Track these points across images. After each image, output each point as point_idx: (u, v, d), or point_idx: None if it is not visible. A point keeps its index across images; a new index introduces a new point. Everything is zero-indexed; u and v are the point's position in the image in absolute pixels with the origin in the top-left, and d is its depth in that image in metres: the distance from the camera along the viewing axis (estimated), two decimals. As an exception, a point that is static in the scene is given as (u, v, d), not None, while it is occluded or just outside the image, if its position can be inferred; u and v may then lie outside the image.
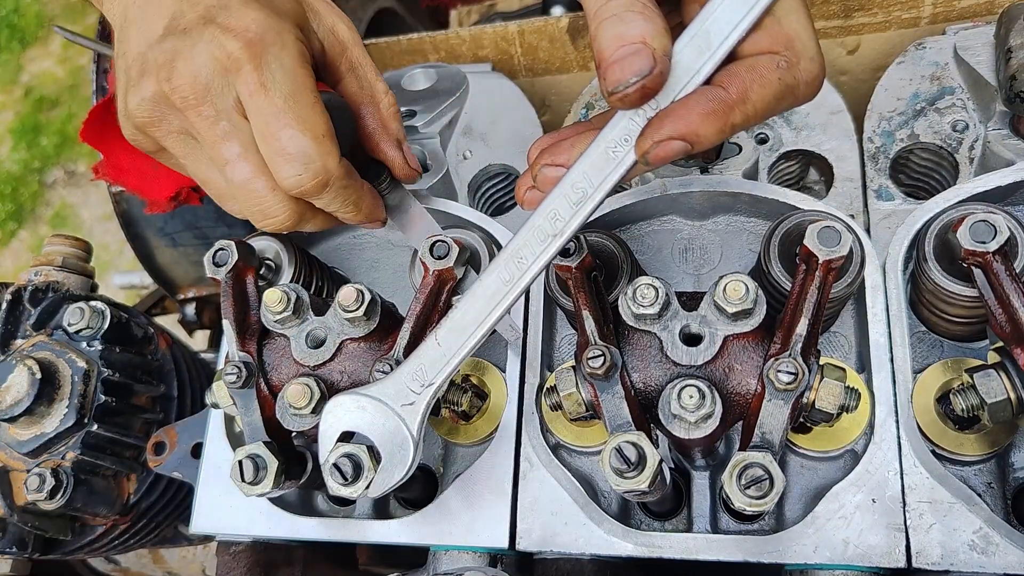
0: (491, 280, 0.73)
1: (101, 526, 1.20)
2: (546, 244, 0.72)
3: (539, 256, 0.72)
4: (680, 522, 0.94)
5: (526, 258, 0.73)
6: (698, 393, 0.72)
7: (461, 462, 1.01)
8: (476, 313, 0.74)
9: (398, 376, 0.77)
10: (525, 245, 0.73)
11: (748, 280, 0.75)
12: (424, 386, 0.76)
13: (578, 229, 0.72)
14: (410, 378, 0.77)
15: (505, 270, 0.73)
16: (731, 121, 0.66)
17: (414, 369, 0.76)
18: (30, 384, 1.08)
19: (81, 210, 3.61)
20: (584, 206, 0.71)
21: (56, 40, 4.01)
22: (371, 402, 0.77)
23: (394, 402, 0.76)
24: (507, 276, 0.73)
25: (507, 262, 0.73)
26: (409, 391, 0.76)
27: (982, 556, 0.78)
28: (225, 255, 0.91)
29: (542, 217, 0.72)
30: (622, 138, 0.69)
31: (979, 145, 1.02)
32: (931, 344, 0.93)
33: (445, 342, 0.75)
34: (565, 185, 0.71)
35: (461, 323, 0.75)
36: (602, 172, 0.70)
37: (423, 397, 0.76)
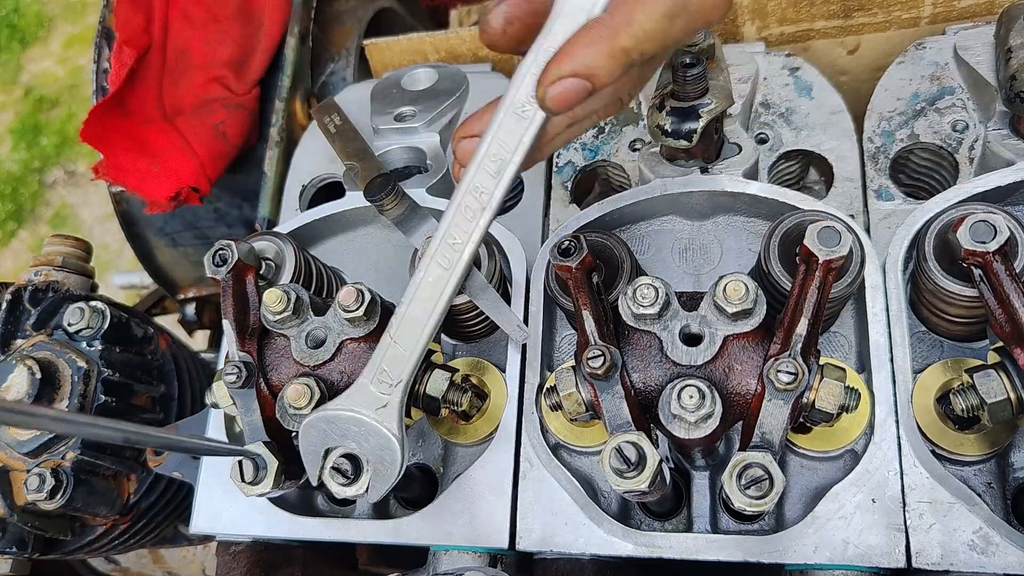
0: (431, 268, 0.73)
1: (101, 526, 1.20)
2: (475, 220, 0.71)
3: (471, 234, 0.72)
4: (680, 522, 0.94)
5: (459, 239, 0.72)
6: (698, 393, 0.72)
7: (461, 462, 1.01)
8: (424, 304, 0.74)
9: (361, 384, 0.76)
10: (455, 226, 0.72)
11: (748, 280, 0.75)
12: (392, 386, 0.75)
13: (504, 197, 0.71)
14: (375, 383, 0.76)
15: (442, 256, 0.73)
16: (619, 45, 0.62)
17: (376, 372, 0.76)
18: (30, 384, 1.07)
19: (81, 210, 3.61)
20: (505, 173, 0.70)
21: (56, 40, 4.01)
22: (343, 415, 0.76)
23: (366, 410, 0.76)
24: (445, 262, 0.73)
25: (441, 248, 0.73)
26: (378, 395, 0.76)
27: (982, 556, 0.78)
28: (225, 255, 0.91)
29: (465, 194, 0.71)
30: (528, 96, 0.68)
31: (979, 145, 1.02)
32: (931, 344, 0.93)
33: (401, 339, 0.75)
34: (480, 156, 0.70)
35: (412, 317, 0.74)
36: (515, 135, 0.69)
37: (394, 397, 0.76)
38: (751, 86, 1.10)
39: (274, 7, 1.46)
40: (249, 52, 1.47)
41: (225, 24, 1.48)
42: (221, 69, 1.45)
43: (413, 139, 1.16)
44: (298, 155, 1.34)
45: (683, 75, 0.89)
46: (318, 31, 1.56)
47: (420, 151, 1.16)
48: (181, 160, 1.37)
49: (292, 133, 1.44)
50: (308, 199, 1.28)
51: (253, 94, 1.46)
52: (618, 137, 1.17)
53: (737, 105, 1.04)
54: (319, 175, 1.29)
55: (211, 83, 1.45)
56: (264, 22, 1.47)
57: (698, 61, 0.90)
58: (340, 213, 1.12)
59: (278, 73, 1.45)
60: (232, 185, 1.50)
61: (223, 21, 1.48)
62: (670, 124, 0.91)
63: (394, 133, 1.16)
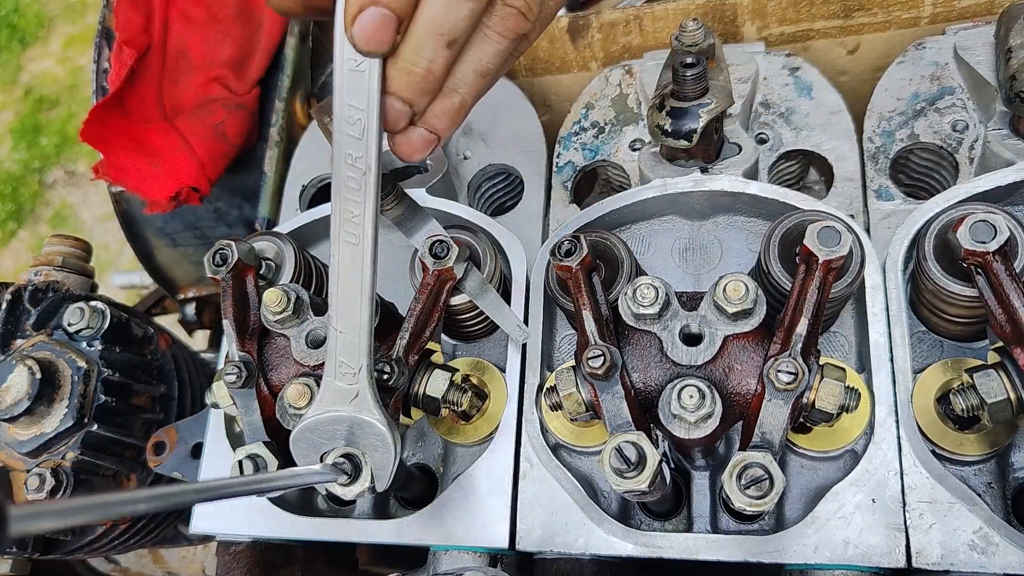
0: (342, 250, 0.72)
1: (101, 526, 1.20)
2: (362, 187, 0.69)
3: (365, 201, 0.70)
4: (680, 522, 0.93)
5: (355, 211, 0.70)
6: (698, 393, 0.72)
7: (461, 462, 1.01)
8: (350, 284, 0.72)
9: (327, 382, 0.76)
10: (345, 200, 0.70)
11: (748, 280, 0.75)
12: (355, 374, 0.74)
13: (380, 152, 0.69)
14: (337, 377, 0.75)
15: (347, 234, 0.71)
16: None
17: (335, 367, 0.75)
18: (30, 384, 1.07)
19: (81, 210, 3.61)
20: (370, 131, 0.68)
21: (56, 40, 4.01)
22: (322, 419, 0.76)
23: (341, 405, 0.75)
24: (352, 237, 0.71)
25: (343, 226, 0.71)
26: (346, 388, 0.75)
27: (982, 556, 0.78)
28: (225, 255, 0.91)
29: (340, 167, 0.69)
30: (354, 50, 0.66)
31: (979, 145, 1.02)
32: (931, 344, 0.93)
33: (343, 326, 0.74)
34: (339, 124, 0.69)
35: (344, 300, 0.73)
36: (360, 90, 0.67)
37: (362, 383, 0.75)
38: (751, 86, 1.10)
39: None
40: (249, 52, 1.47)
41: (225, 24, 1.48)
42: (221, 69, 1.45)
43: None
44: (298, 155, 1.34)
45: (683, 75, 0.89)
46: (318, 31, 1.56)
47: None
48: (181, 160, 1.37)
49: (292, 133, 1.44)
50: (308, 199, 1.28)
51: (253, 94, 1.46)
52: (618, 137, 1.17)
53: (737, 105, 1.04)
54: (319, 175, 1.29)
55: (211, 83, 1.45)
56: (264, 22, 1.47)
57: (698, 61, 0.90)
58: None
59: (278, 73, 1.45)
60: (232, 185, 1.50)
61: (223, 21, 1.48)
62: (670, 124, 0.91)
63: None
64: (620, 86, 1.21)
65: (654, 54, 1.19)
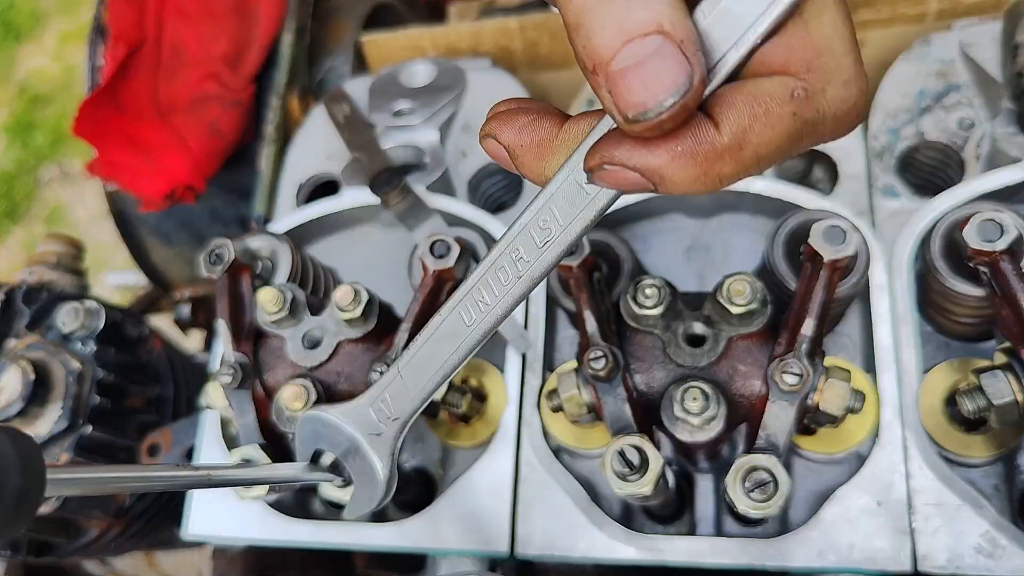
0: (453, 318, 0.66)
1: (95, 529, 1.19)
2: (507, 287, 0.63)
3: (500, 301, 0.64)
4: (683, 526, 0.92)
5: (488, 300, 0.65)
6: (702, 395, 0.71)
7: (460, 465, 1.00)
8: (439, 349, 0.68)
9: (361, 404, 0.72)
10: (485, 284, 0.64)
11: (753, 280, 0.74)
12: (390, 419, 0.71)
13: (546, 272, 0.62)
14: (374, 408, 0.71)
15: (466, 310, 0.66)
16: (717, 172, 0.46)
17: (377, 398, 0.71)
18: (23, 385, 1.06)
19: (76, 209, 3.58)
20: (549, 250, 0.60)
21: (50, 37, 3.98)
22: (339, 425, 0.72)
23: (361, 432, 0.72)
24: (468, 319, 0.66)
25: (467, 301, 0.65)
26: (375, 422, 0.71)
27: (989, 559, 0.77)
28: (221, 254, 0.89)
29: (502, 254, 0.63)
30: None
31: (986, 142, 1.01)
32: (938, 344, 0.92)
33: (407, 376, 0.70)
34: (529, 217, 0.60)
35: (424, 357, 0.69)
36: (572, 209, 0.58)
37: (390, 430, 0.71)
38: (754, 82, 1.09)
39: (270, 2, 1.45)
40: (245, 48, 1.45)
41: (220, 19, 1.46)
42: (216, 65, 1.43)
43: (411, 136, 1.14)
44: (294, 153, 1.32)
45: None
46: (315, 26, 1.54)
47: (418, 148, 1.14)
48: (176, 157, 1.36)
49: (288, 130, 1.42)
50: (304, 197, 1.27)
51: (249, 91, 1.44)
52: (619, 134, 1.16)
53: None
54: (315, 174, 1.27)
55: (206, 79, 1.43)
56: (260, 17, 1.45)
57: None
58: (337, 212, 1.11)
59: (274, 69, 1.43)
60: (227, 183, 1.49)
61: (218, 16, 1.47)
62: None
63: (392, 130, 1.14)
64: (621, 83, 1.19)
65: (655, 50, 1.17)
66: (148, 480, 0.58)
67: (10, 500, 0.41)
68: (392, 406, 0.70)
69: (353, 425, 0.72)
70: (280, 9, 1.45)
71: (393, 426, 0.71)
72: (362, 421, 0.72)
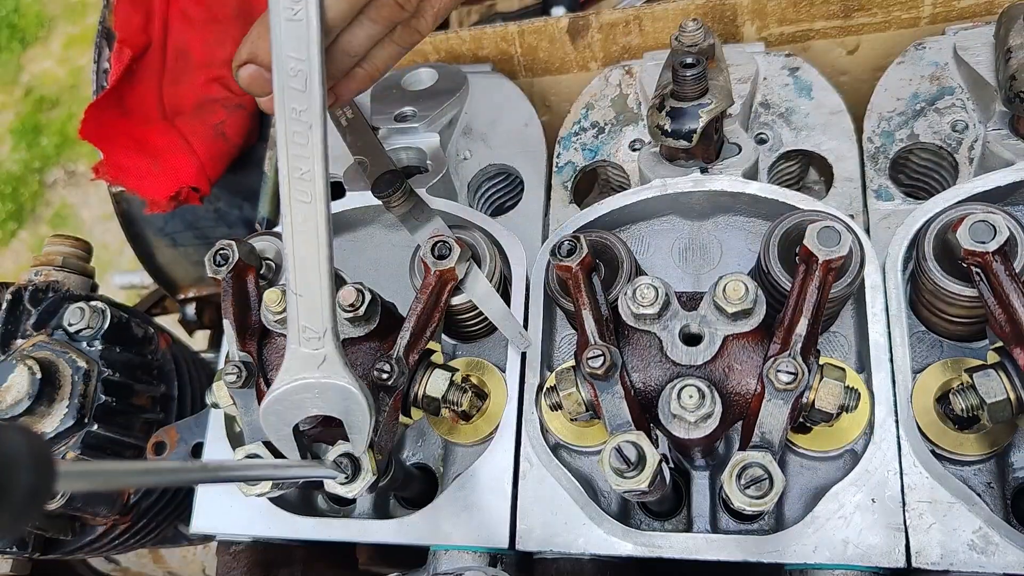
0: (295, 209, 0.68)
1: (101, 526, 1.20)
2: (309, 140, 0.66)
3: (314, 156, 0.67)
4: (680, 522, 0.94)
5: (304, 167, 0.67)
6: (698, 393, 0.72)
7: (461, 462, 1.01)
8: (306, 245, 0.69)
9: (292, 350, 0.72)
10: (293, 157, 0.67)
11: (748, 280, 0.75)
12: (320, 338, 0.71)
13: (324, 104, 0.66)
14: (302, 343, 0.71)
15: (298, 192, 0.68)
16: None
17: (299, 332, 0.71)
18: (30, 384, 1.07)
19: (81, 210, 3.61)
20: (313, 83, 0.65)
21: (56, 40, 4.01)
22: (289, 388, 0.72)
23: (308, 372, 0.72)
24: (304, 196, 0.68)
25: (293, 184, 0.68)
26: (312, 353, 0.71)
27: (982, 556, 0.78)
28: (226, 254, 0.91)
29: (285, 122, 0.66)
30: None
31: (979, 145, 1.02)
32: (931, 344, 0.93)
33: (303, 289, 0.70)
34: (279, 78, 0.65)
35: (302, 262, 0.70)
36: (299, 39, 0.64)
37: (328, 347, 0.71)
38: (751, 86, 1.10)
39: (274, 7, 1.46)
40: (249, 52, 1.47)
41: (225, 24, 1.48)
42: (221, 69, 1.45)
43: (413, 139, 1.16)
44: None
45: (683, 75, 0.89)
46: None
47: (420, 151, 1.16)
48: (181, 160, 1.37)
49: (292, 133, 1.44)
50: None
51: (253, 94, 1.45)
52: (618, 137, 1.17)
53: (737, 105, 1.04)
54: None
55: (211, 83, 1.45)
56: (264, 22, 1.47)
57: (698, 61, 0.90)
58: (340, 213, 1.12)
59: (278, 73, 1.45)
60: (232, 185, 1.50)
61: (223, 21, 1.48)
62: (670, 124, 0.91)
63: (394, 133, 1.16)
64: (620, 86, 1.21)
65: (654, 54, 1.19)
66: (156, 474, 0.60)
67: (21, 494, 0.41)
68: (313, 326, 0.71)
69: (299, 374, 0.71)
70: (284, 14, 1.47)
71: (327, 341, 0.71)
72: (302, 363, 0.72)
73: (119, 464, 0.53)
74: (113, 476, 0.52)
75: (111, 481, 0.54)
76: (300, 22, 0.64)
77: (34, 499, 0.42)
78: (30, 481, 0.42)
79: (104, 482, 0.54)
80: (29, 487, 0.42)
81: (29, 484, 0.42)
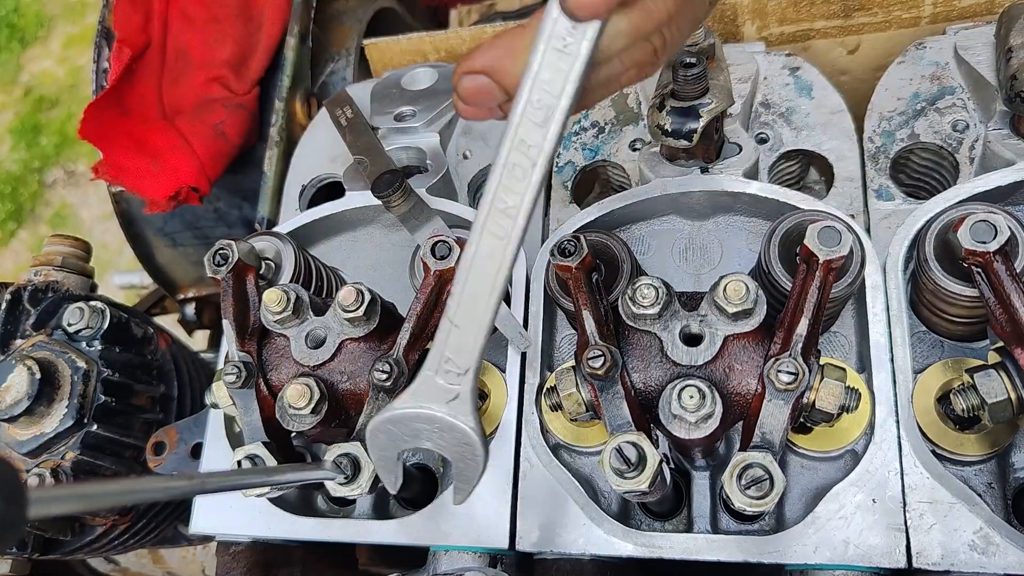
0: (484, 240, 0.63)
1: (101, 526, 1.20)
2: (527, 179, 0.61)
3: (524, 195, 0.62)
4: (680, 522, 0.93)
5: (511, 202, 0.62)
6: (698, 393, 0.72)
7: (461, 462, 1.01)
8: (482, 280, 0.64)
9: (427, 377, 0.67)
10: (504, 189, 0.62)
11: (748, 280, 0.75)
12: (460, 375, 0.66)
13: (555, 149, 0.61)
14: (440, 373, 0.67)
15: (494, 224, 0.63)
16: None
17: (440, 362, 0.66)
18: (30, 384, 1.07)
19: (81, 210, 3.61)
20: (553, 121, 0.60)
21: (56, 40, 4.01)
22: (411, 414, 0.68)
23: (436, 404, 0.67)
24: (499, 230, 0.63)
25: (492, 215, 0.63)
26: (447, 387, 0.67)
27: (982, 556, 0.78)
28: (225, 254, 0.91)
29: (510, 151, 0.61)
30: (568, 28, 0.57)
31: (979, 145, 1.02)
32: (931, 344, 0.93)
33: (462, 322, 0.65)
34: (522, 106, 0.60)
35: (471, 295, 0.64)
36: (559, 74, 0.58)
37: (464, 386, 0.66)
38: (751, 86, 1.10)
39: (274, 7, 1.46)
40: (249, 52, 1.47)
41: (225, 24, 1.48)
42: (221, 69, 1.45)
43: (413, 139, 1.16)
44: (298, 155, 1.34)
45: (683, 75, 0.89)
46: (318, 31, 1.55)
47: (420, 151, 1.16)
48: (181, 160, 1.37)
49: (292, 133, 1.44)
50: (308, 199, 1.28)
51: (253, 94, 1.45)
52: (618, 137, 1.17)
53: (737, 105, 1.04)
54: (319, 175, 1.29)
55: (211, 83, 1.45)
56: (264, 22, 1.47)
57: (698, 61, 0.89)
58: (340, 213, 1.12)
59: (278, 73, 1.45)
60: (232, 185, 1.50)
61: (223, 21, 1.48)
62: (670, 124, 0.91)
63: (394, 133, 1.16)
64: (620, 86, 1.21)
65: (654, 54, 1.18)
66: (136, 493, 0.55)
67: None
68: (458, 360, 0.66)
69: (426, 403, 0.67)
70: (284, 14, 1.47)
71: (466, 380, 0.66)
72: (433, 394, 0.67)
73: (96, 485, 0.48)
74: (90, 498, 0.48)
75: (88, 504, 0.50)
76: (568, 56, 0.58)
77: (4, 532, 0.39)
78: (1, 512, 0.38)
79: (81, 505, 0.49)
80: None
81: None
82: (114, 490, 0.50)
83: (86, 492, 0.48)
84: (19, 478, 0.41)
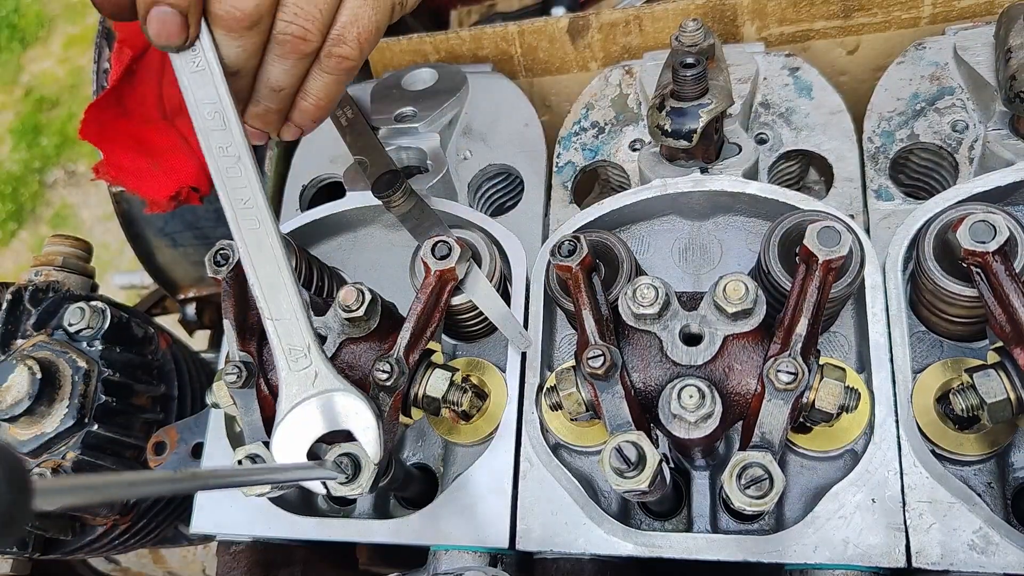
0: (247, 238, 0.74)
1: (101, 526, 1.20)
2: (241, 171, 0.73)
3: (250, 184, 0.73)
4: (680, 522, 0.94)
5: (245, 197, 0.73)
6: (698, 393, 0.72)
7: (461, 462, 1.01)
8: (267, 268, 0.74)
9: (284, 378, 0.76)
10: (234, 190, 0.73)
11: (748, 280, 0.75)
12: (305, 354, 0.75)
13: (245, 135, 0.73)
14: (291, 365, 0.75)
15: (244, 221, 0.74)
16: None
17: (284, 357, 0.75)
18: (30, 384, 1.07)
19: (81, 210, 3.61)
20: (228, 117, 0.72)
21: (56, 40, 4.01)
22: (292, 419, 0.76)
23: (307, 391, 0.75)
24: (252, 223, 0.74)
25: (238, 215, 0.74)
26: (303, 373, 0.75)
27: (982, 556, 0.79)
28: (226, 254, 0.91)
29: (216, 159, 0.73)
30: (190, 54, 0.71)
31: (979, 145, 1.02)
32: (931, 344, 0.93)
33: (276, 312, 0.75)
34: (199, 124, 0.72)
35: (269, 287, 0.74)
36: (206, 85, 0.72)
37: (315, 361, 0.75)
38: (751, 86, 1.10)
39: (274, 7, 1.46)
40: (249, 52, 1.47)
41: (225, 24, 1.48)
42: (221, 69, 1.45)
43: (413, 139, 1.16)
44: (298, 155, 1.34)
45: (683, 75, 0.89)
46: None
47: (420, 151, 1.16)
48: (181, 160, 1.37)
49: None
50: (308, 199, 1.29)
51: (253, 94, 1.45)
52: (618, 137, 1.18)
53: (737, 105, 1.05)
54: (319, 175, 1.29)
55: (211, 83, 1.45)
56: (264, 22, 1.47)
57: (698, 61, 0.90)
58: (340, 213, 1.12)
59: (278, 73, 1.45)
60: (232, 185, 1.50)
61: (223, 21, 1.48)
62: (670, 124, 0.91)
63: (394, 133, 1.16)
64: (620, 86, 1.21)
65: (654, 54, 1.19)
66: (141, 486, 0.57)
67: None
68: (296, 345, 0.74)
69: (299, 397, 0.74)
70: (284, 14, 1.47)
71: (313, 355, 0.74)
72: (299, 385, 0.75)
73: (100, 477, 0.50)
74: (95, 490, 0.50)
75: (94, 495, 0.51)
76: (203, 71, 0.72)
77: (9, 523, 0.38)
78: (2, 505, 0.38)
79: (86, 497, 0.52)
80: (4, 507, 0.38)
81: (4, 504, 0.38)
82: (118, 482, 0.52)
83: (91, 484, 0.50)
84: (25, 468, 0.41)
